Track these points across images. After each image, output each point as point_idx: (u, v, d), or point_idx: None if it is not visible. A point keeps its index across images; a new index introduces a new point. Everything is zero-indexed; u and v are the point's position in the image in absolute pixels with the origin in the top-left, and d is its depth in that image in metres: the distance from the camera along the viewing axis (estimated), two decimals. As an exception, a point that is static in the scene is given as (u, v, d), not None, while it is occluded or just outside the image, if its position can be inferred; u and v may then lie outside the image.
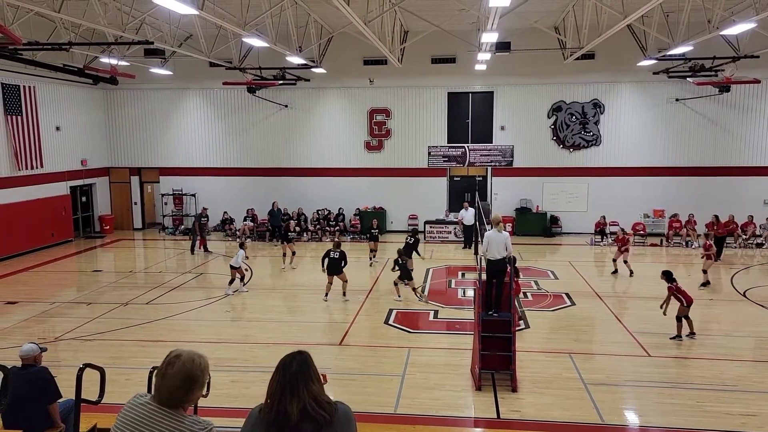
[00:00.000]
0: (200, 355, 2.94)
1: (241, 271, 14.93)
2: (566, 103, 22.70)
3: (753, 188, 21.81)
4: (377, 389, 9.16)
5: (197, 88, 24.01)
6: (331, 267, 14.14)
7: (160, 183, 24.85)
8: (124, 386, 8.82)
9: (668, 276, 11.57)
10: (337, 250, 14.21)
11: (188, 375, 2.83)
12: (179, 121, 24.45)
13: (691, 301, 11.23)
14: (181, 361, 2.84)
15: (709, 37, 15.01)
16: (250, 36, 14.33)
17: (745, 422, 7.99)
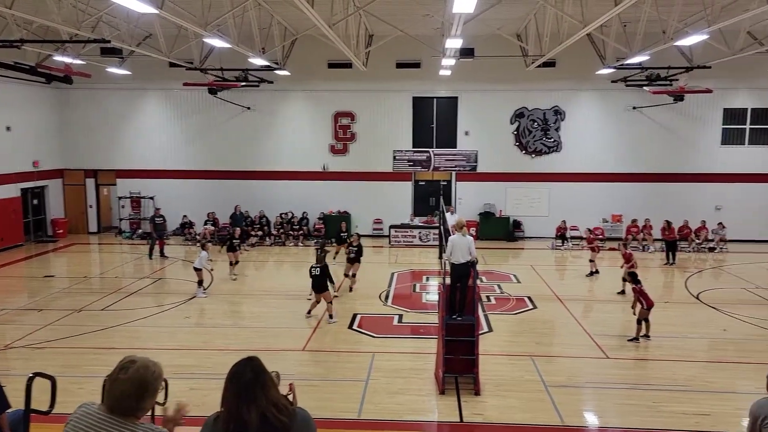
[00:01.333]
0: (155, 362, 2.84)
1: (201, 274, 14.63)
2: (528, 110, 23.06)
3: (705, 194, 22.54)
4: (341, 395, 9.07)
5: (156, 89, 23.51)
6: (315, 284, 12.85)
7: (117, 186, 24.21)
8: (77, 395, 8.50)
9: (633, 277, 11.91)
10: (318, 265, 12.84)
11: (141, 381, 2.73)
12: (137, 122, 23.88)
13: (651, 304, 11.50)
14: (135, 367, 2.75)
15: (665, 47, 15.47)
16: (211, 36, 14.09)
17: (699, 422, 8.20)
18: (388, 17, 17.55)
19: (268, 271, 19.05)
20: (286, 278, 17.73)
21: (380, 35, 21.17)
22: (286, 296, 14.88)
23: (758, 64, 20.45)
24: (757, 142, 22.51)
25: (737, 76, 21.37)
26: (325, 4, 13.10)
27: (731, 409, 8.67)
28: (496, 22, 18.22)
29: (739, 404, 8.77)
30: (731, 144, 22.58)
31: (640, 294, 11.57)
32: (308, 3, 10.72)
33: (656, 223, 21.25)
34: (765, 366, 10.19)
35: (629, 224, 22.03)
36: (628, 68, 19.41)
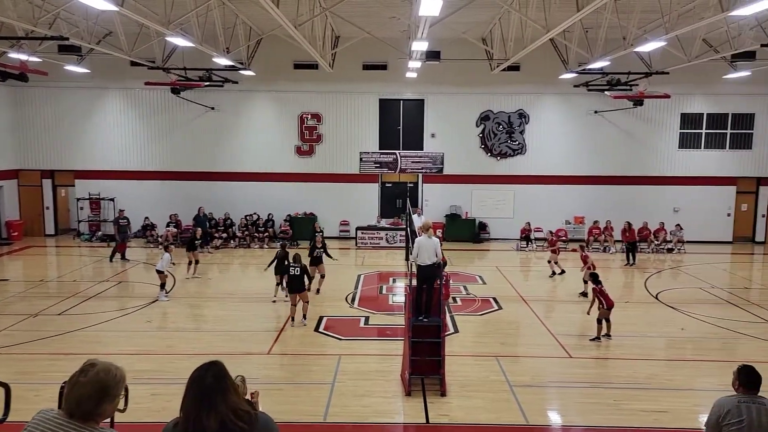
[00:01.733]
0: (117, 366, 2.76)
1: (164, 277, 14.35)
2: (494, 113, 23.33)
3: (664, 196, 23.17)
4: (306, 398, 9.00)
5: (117, 88, 22.96)
6: (292, 285, 12.44)
7: (76, 187, 23.54)
8: (34, 403, 8.19)
9: (594, 278, 12.14)
10: (297, 265, 12.48)
11: (101, 385, 2.65)
12: (97, 121, 23.28)
13: (611, 304, 11.73)
14: (95, 370, 2.67)
15: (625, 53, 15.84)
16: (174, 35, 13.84)
17: (658, 418, 8.41)
18: (354, 19, 17.55)
19: (232, 274, 18.79)
20: (250, 281, 17.49)
21: (347, 37, 21.15)
22: (251, 299, 14.70)
23: (713, 71, 21.11)
24: (712, 146, 23.26)
25: (694, 81, 22.04)
26: (290, 4, 13.02)
27: (689, 405, 8.92)
28: (462, 25, 18.40)
29: (696, 401, 9.04)
30: (688, 148, 23.27)
31: (600, 294, 11.80)
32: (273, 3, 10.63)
33: (617, 225, 21.75)
34: (721, 363, 10.54)
35: (591, 226, 22.49)
36: (589, 73, 19.82)
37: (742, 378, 4.78)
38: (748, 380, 4.74)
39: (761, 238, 23.77)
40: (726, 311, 14.03)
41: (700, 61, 17.27)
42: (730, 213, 23.59)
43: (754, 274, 19.73)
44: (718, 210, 23.45)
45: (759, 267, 20.85)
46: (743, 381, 4.76)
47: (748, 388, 4.73)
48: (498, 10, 16.98)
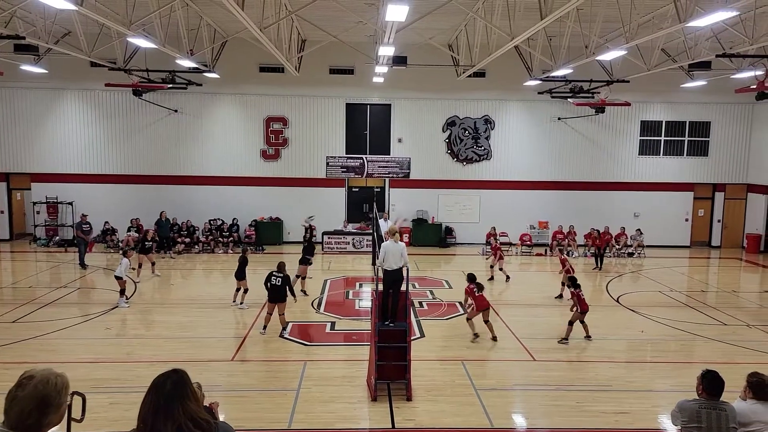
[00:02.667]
0: (58, 374, 2.65)
1: (123, 283, 14.00)
2: (460, 118, 23.53)
3: (624, 202, 23.72)
4: (271, 405, 8.87)
5: (76, 89, 22.38)
6: (273, 294, 12.02)
7: (32, 190, 22.81)
8: (-16, 415, 7.91)
9: (573, 282, 12.46)
10: (279, 275, 12.10)
11: (42, 397, 2.54)
12: (55, 123, 22.64)
13: (586, 308, 12.02)
14: (33, 383, 2.55)
15: (587, 61, 16.18)
16: (135, 36, 13.56)
17: (619, 420, 8.56)
18: (321, 23, 17.50)
19: (195, 280, 18.46)
20: (214, 287, 17.22)
21: (313, 41, 21.08)
22: (215, 305, 14.46)
23: (671, 80, 21.73)
24: (671, 153, 23.92)
25: (653, 90, 22.65)
26: (256, 6, 12.89)
27: (649, 406, 9.09)
28: (428, 31, 18.52)
29: (656, 402, 9.23)
30: (647, 154, 23.88)
31: (576, 298, 12.07)
32: (238, 5, 10.52)
33: (580, 230, 22.19)
34: (679, 365, 10.81)
35: (555, 230, 22.85)
36: (553, 80, 20.18)
37: (705, 383, 4.87)
38: (711, 387, 4.83)
39: (717, 243, 24.53)
40: (684, 314, 14.41)
41: (659, 70, 17.75)
42: (688, 218, 24.29)
43: (710, 277, 20.33)
44: (677, 215, 24.12)
45: (715, 270, 21.48)
46: (707, 386, 4.86)
47: (710, 393, 4.83)
48: (464, 16, 17.17)
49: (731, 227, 24.50)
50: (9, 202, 23.05)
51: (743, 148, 23.96)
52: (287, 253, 21.91)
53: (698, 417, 4.70)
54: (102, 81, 20.42)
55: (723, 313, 14.40)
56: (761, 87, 18.48)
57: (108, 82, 19.92)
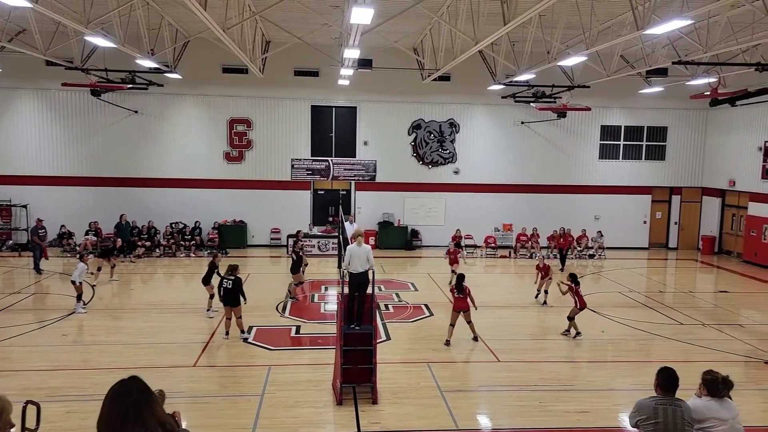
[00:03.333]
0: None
1: (80, 288, 13.60)
2: (425, 122, 23.67)
3: (585, 205, 24.22)
4: (234, 411, 8.73)
5: (31, 89, 21.70)
6: (225, 297, 11.89)
7: (-15, 192, 22.05)
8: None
9: (573, 278, 12.73)
10: (230, 277, 11.89)
11: None
12: (9, 123, 21.88)
13: (584, 305, 12.46)
14: None
15: (549, 66, 16.48)
16: (93, 35, 13.21)
17: (580, 419, 8.71)
18: (285, 24, 17.38)
19: (156, 284, 18.08)
20: (176, 291, 16.91)
21: (278, 42, 20.92)
22: (177, 310, 14.19)
23: (630, 85, 22.29)
24: (630, 157, 24.54)
25: (612, 95, 23.21)
26: (219, 7, 12.72)
27: (610, 405, 9.29)
28: (394, 35, 18.59)
29: (616, 400, 9.43)
30: (607, 158, 24.44)
31: (576, 294, 12.45)
32: (201, 5, 10.36)
33: (543, 232, 22.55)
34: (638, 364, 11.07)
35: (519, 233, 23.18)
36: (516, 85, 20.49)
37: (661, 380, 5.00)
38: (666, 383, 4.97)
39: (674, 245, 25.26)
40: (642, 314, 14.77)
41: (618, 76, 18.18)
42: (646, 220, 24.94)
43: (667, 278, 20.91)
44: (635, 218, 24.75)
45: (672, 272, 22.11)
46: (662, 383, 4.99)
47: (665, 390, 4.96)
48: (429, 20, 17.28)
49: (687, 229, 25.27)
50: (-41, 205, 22.20)
51: (698, 153, 24.74)
52: (251, 257, 21.73)
53: (655, 413, 4.82)
54: (59, 80, 19.84)
55: (680, 313, 14.82)
56: (715, 94, 19.14)
57: (65, 81, 19.37)
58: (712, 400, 5.05)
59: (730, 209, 23.85)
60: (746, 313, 15.33)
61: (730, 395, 5.14)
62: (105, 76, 19.25)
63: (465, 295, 11.98)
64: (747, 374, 10.81)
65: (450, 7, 15.16)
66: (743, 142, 22.38)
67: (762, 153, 21.28)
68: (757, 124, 21.61)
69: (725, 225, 24.16)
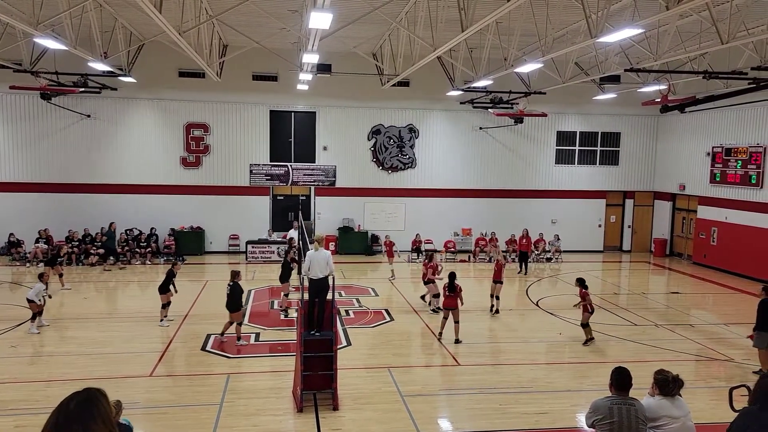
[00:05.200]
0: None
1: (37, 305, 12.83)
2: (385, 127, 23.74)
3: (542, 209, 24.69)
4: (192, 421, 8.56)
5: (-22, 91, 20.89)
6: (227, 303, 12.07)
7: (-73, 199, 21.07)
8: None
9: (582, 282, 12.75)
10: (230, 283, 12.07)
11: None
12: (-47, 127, 21.01)
13: (593, 309, 12.48)
14: None
15: (506, 73, 16.77)
16: (43, 37, 12.78)
17: (539, 420, 8.85)
18: (243, 28, 17.19)
19: (110, 292, 17.58)
20: (131, 299, 16.48)
21: (235, 46, 20.69)
22: (132, 319, 13.83)
23: (585, 92, 22.86)
24: (585, 162, 25.13)
25: (568, 102, 23.75)
26: (174, 10, 12.51)
27: (568, 406, 9.46)
28: (353, 40, 18.61)
29: (574, 401, 9.61)
30: (563, 163, 24.98)
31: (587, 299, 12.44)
32: (156, 8, 10.16)
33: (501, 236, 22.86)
34: (595, 364, 11.31)
35: (478, 237, 23.45)
36: (474, 91, 20.76)
37: (614, 380, 5.12)
38: (619, 382, 5.09)
39: (627, 247, 25.98)
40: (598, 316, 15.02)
41: (573, 82, 18.64)
42: (601, 224, 25.58)
43: (622, 280, 21.48)
44: (590, 221, 25.35)
45: (626, 274, 22.72)
46: (615, 382, 5.11)
47: (619, 389, 5.08)
48: (388, 26, 17.37)
49: (640, 232, 26.03)
50: None
51: (650, 158, 25.54)
52: (209, 263, 21.36)
53: (610, 413, 4.93)
54: (6, 83, 19.11)
55: (633, 314, 15.23)
56: (665, 100, 19.85)
57: (13, 84, 18.65)
58: (664, 398, 5.19)
59: (680, 212, 24.67)
60: (696, 314, 15.88)
61: (681, 393, 5.29)
62: (56, 79, 18.65)
63: (456, 293, 12.21)
64: (697, 373, 11.19)
65: (409, 13, 15.28)
66: (693, 148, 23.20)
67: (710, 158, 22.09)
68: (706, 130, 22.41)
69: (676, 228, 24.98)
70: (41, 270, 19.05)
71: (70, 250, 20.03)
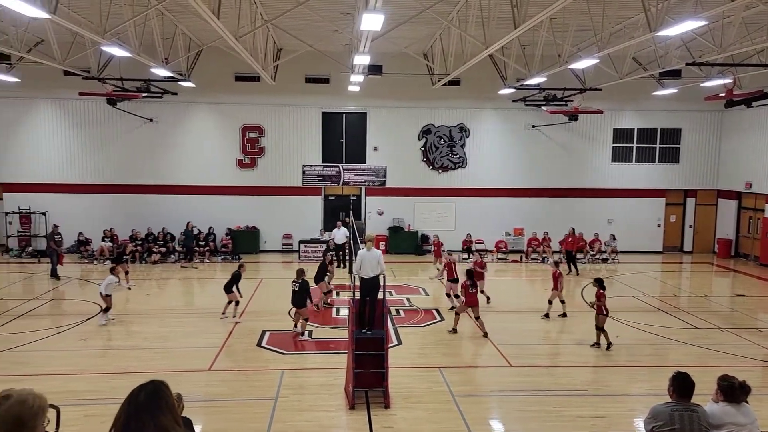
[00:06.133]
0: (37, 395, 2.57)
1: (110, 300, 13.40)
2: (435, 127, 23.70)
3: (598, 208, 24.08)
4: (248, 415, 8.81)
5: (49, 98, 22.06)
6: (293, 299, 12.72)
7: (4, 200, 22.38)
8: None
9: (600, 283, 12.42)
10: (297, 281, 12.64)
11: (15, 419, 2.47)
12: (28, 132, 22.25)
13: (607, 312, 12.12)
14: (8, 404, 2.48)
15: (560, 69, 16.45)
16: (110, 45, 13.42)
17: (595, 424, 8.66)
18: (296, 32, 17.52)
19: (171, 289, 18.24)
20: (191, 296, 17.07)
21: (289, 49, 21.09)
22: (192, 315, 14.33)
23: (643, 87, 22.19)
24: (643, 159, 24.38)
25: (625, 98, 23.10)
26: (231, 16, 12.88)
27: (625, 410, 9.23)
28: (404, 40, 18.66)
29: (631, 405, 9.37)
30: (620, 161, 24.30)
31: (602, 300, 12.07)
32: (214, 15, 10.51)
33: (555, 236, 22.43)
34: (653, 369, 10.98)
35: (530, 237, 23.10)
36: (527, 89, 20.47)
37: (676, 385, 4.91)
38: (681, 388, 4.88)
39: (689, 248, 25.03)
40: (657, 318, 14.66)
41: (630, 78, 18.12)
42: (660, 224, 24.74)
43: (682, 282, 20.72)
44: (649, 221, 24.56)
45: (687, 275, 21.92)
46: (677, 388, 4.90)
47: (681, 395, 4.86)
48: (439, 26, 17.34)
49: (702, 232, 25.03)
50: (-21, 213, 22.60)
51: (713, 155, 24.53)
52: (263, 262, 21.87)
53: (671, 419, 4.74)
54: (76, 90, 20.16)
55: (695, 317, 14.69)
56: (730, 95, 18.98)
57: (82, 90, 19.66)
58: (729, 405, 4.97)
59: (746, 212, 23.59)
60: (764, 317, 15.15)
61: (747, 400, 5.08)
62: (121, 85, 19.56)
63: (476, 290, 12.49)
64: (765, 379, 10.71)
65: (460, 11, 15.21)
66: (759, 144, 22.16)
67: (778, 155, 21.05)
68: (773, 125, 21.39)
69: (742, 228, 23.89)
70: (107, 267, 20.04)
71: (134, 248, 20.88)
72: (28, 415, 2.50)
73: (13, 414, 2.47)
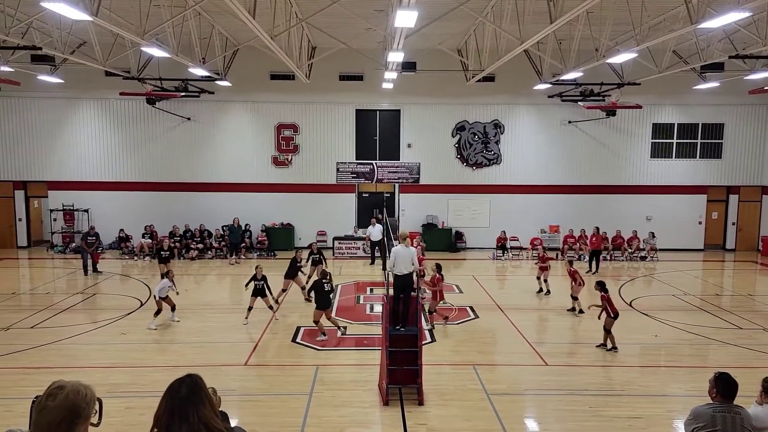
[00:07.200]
0: (86, 386, 2.69)
1: (169, 301, 13.48)
2: (469, 123, 23.55)
3: (636, 205, 23.57)
4: (283, 409, 8.94)
5: (91, 98, 22.70)
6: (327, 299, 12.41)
7: (49, 198, 23.16)
8: (5, 418, 8.08)
9: (602, 286, 12.17)
10: (329, 282, 12.50)
11: (72, 408, 2.58)
12: (71, 132, 22.96)
13: (616, 312, 11.78)
14: (63, 394, 2.59)
15: (597, 64, 16.15)
16: (149, 45, 13.75)
17: (632, 424, 8.51)
18: (330, 30, 17.63)
19: (208, 285, 18.60)
20: (227, 292, 17.37)
21: (323, 47, 21.23)
22: (228, 310, 14.59)
23: (683, 81, 21.62)
24: (683, 155, 23.76)
25: (664, 92, 22.53)
26: (266, 15, 13.04)
27: (663, 411, 9.05)
28: (437, 37, 18.58)
29: (670, 406, 9.18)
30: (660, 157, 23.73)
31: (608, 302, 11.81)
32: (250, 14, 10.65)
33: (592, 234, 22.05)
34: (693, 369, 10.74)
35: (566, 234, 22.76)
36: (563, 84, 20.15)
37: (719, 386, 4.76)
38: (724, 389, 4.73)
39: (731, 246, 24.30)
40: (698, 317, 14.29)
41: (670, 72, 17.67)
42: (701, 221, 24.08)
43: (724, 281, 20.16)
44: (690, 218, 23.93)
45: (729, 274, 21.30)
46: (720, 389, 4.75)
47: (724, 396, 4.73)
48: (473, 21, 17.21)
49: (746, 230, 24.27)
50: (27, 210, 23.41)
51: (758, 150, 23.74)
52: (299, 259, 22.05)
53: (713, 421, 4.61)
54: (116, 90, 20.71)
55: (738, 317, 14.28)
56: (775, 88, 18.37)
57: (122, 91, 20.19)
58: (773, 407, 4.85)
59: (792, 209, 22.79)
60: (810, 318, 14.63)
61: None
62: (160, 84, 20.01)
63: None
64: (811, 381, 10.33)
65: (495, 7, 15.06)
66: (806, 139, 21.36)
67: (827, 149, 20.25)
68: (822, 119, 20.59)
69: (788, 225, 23.10)
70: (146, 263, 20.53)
71: (172, 245, 21.33)
72: (82, 404, 2.60)
73: (69, 403, 2.58)
